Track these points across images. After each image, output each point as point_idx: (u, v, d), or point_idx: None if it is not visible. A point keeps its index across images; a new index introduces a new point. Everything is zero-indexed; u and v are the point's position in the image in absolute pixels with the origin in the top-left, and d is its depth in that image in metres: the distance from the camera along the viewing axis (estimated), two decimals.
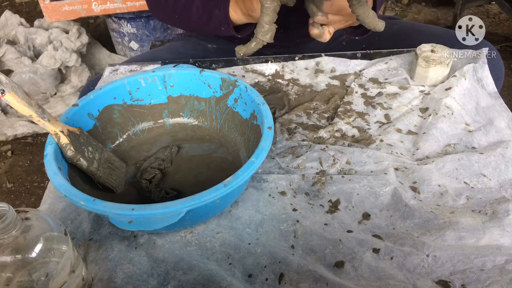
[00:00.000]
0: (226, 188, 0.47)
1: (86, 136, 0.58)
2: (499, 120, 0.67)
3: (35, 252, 0.40)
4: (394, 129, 0.67)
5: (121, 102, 0.65)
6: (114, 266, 0.49)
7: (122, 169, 0.62)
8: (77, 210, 0.56)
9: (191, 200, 0.46)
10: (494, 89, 0.73)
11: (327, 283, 0.47)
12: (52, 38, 1.78)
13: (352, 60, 0.82)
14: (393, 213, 0.56)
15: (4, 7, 2.38)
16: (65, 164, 0.54)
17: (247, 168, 0.49)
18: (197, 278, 0.48)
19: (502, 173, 0.60)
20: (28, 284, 0.40)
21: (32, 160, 1.66)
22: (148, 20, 1.75)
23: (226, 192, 0.47)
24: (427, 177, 0.59)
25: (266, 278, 0.48)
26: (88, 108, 0.62)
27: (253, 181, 0.60)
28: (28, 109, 0.50)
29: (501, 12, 2.18)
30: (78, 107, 0.60)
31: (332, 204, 0.57)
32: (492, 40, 0.84)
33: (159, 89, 0.67)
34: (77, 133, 0.56)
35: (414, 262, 0.49)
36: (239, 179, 0.48)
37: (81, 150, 0.55)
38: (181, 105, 0.69)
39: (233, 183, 0.47)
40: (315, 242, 0.52)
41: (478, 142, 0.65)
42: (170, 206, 0.45)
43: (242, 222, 0.54)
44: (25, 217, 0.41)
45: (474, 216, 0.54)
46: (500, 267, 0.48)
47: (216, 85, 0.65)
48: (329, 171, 0.61)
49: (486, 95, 0.72)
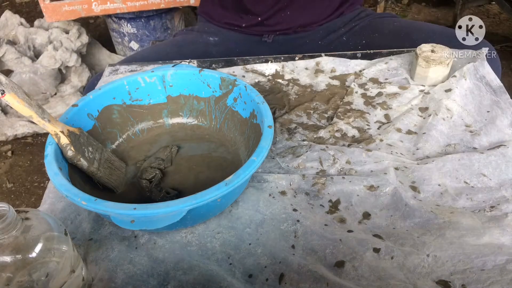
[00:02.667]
0: (227, 187, 0.47)
1: (86, 136, 0.58)
2: (502, 119, 0.67)
3: (35, 252, 0.40)
4: (394, 129, 0.67)
5: (121, 102, 0.65)
6: (114, 266, 0.49)
7: (122, 169, 0.62)
8: (77, 210, 0.56)
9: (192, 199, 0.46)
10: (499, 83, 0.73)
11: (327, 283, 0.47)
12: (52, 38, 1.78)
13: (352, 60, 0.82)
14: (393, 213, 0.56)
15: (4, 7, 2.38)
16: (65, 164, 0.54)
17: (248, 167, 0.49)
18: (197, 278, 0.48)
19: (503, 173, 0.60)
20: (28, 284, 0.40)
21: (32, 160, 1.66)
22: (148, 20, 1.74)
23: (227, 191, 0.47)
24: (427, 176, 0.59)
25: (266, 278, 0.48)
26: (88, 109, 0.62)
27: (253, 181, 0.60)
28: (28, 110, 0.50)
29: (501, 12, 2.17)
30: (77, 107, 0.60)
31: (332, 204, 0.57)
32: (492, 40, 0.84)
33: (159, 89, 0.67)
34: (77, 133, 0.56)
35: (415, 262, 0.49)
36: (240, 178, 0.48)
37: (81, 150, 0.55)
38: (180, 104, 0.69)
39: (235, 181, 0.47)
40: (316, 242, 0.52)
41: (479, 142, 0.65)
42: (172, 205, 0.45)
43: (242, 222, 0.54)
44: (25, 217, 0.41)
45: (474, 216, 0.54)
46: (500, 267, 0.48)
47: (216, 84, 0.65)
48: (329, 171, 0.61)
49: (490, 93, 0.72)
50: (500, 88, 0.72)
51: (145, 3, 1.62)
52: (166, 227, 0.47)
